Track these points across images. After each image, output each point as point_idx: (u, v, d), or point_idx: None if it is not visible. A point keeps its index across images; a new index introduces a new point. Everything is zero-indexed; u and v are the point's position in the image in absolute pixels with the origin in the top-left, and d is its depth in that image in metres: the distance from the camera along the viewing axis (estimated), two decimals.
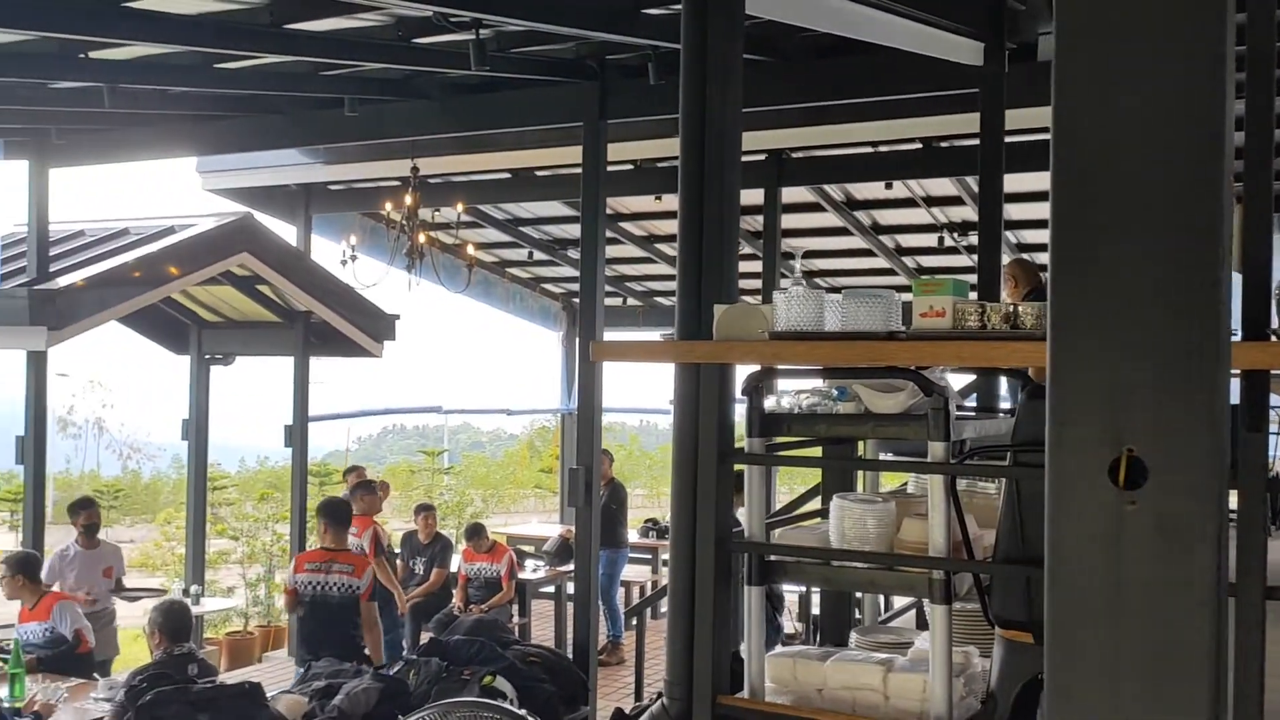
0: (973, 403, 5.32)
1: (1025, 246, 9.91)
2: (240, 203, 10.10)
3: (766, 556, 3.28)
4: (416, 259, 8.26)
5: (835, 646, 3.55)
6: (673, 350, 3.44)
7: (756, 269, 9.05)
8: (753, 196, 8.40)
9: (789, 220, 9.60)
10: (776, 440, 3.40)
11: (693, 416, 3.31)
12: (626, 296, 13.68)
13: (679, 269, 3.45)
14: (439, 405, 14.03)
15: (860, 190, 9.76)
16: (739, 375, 3.34)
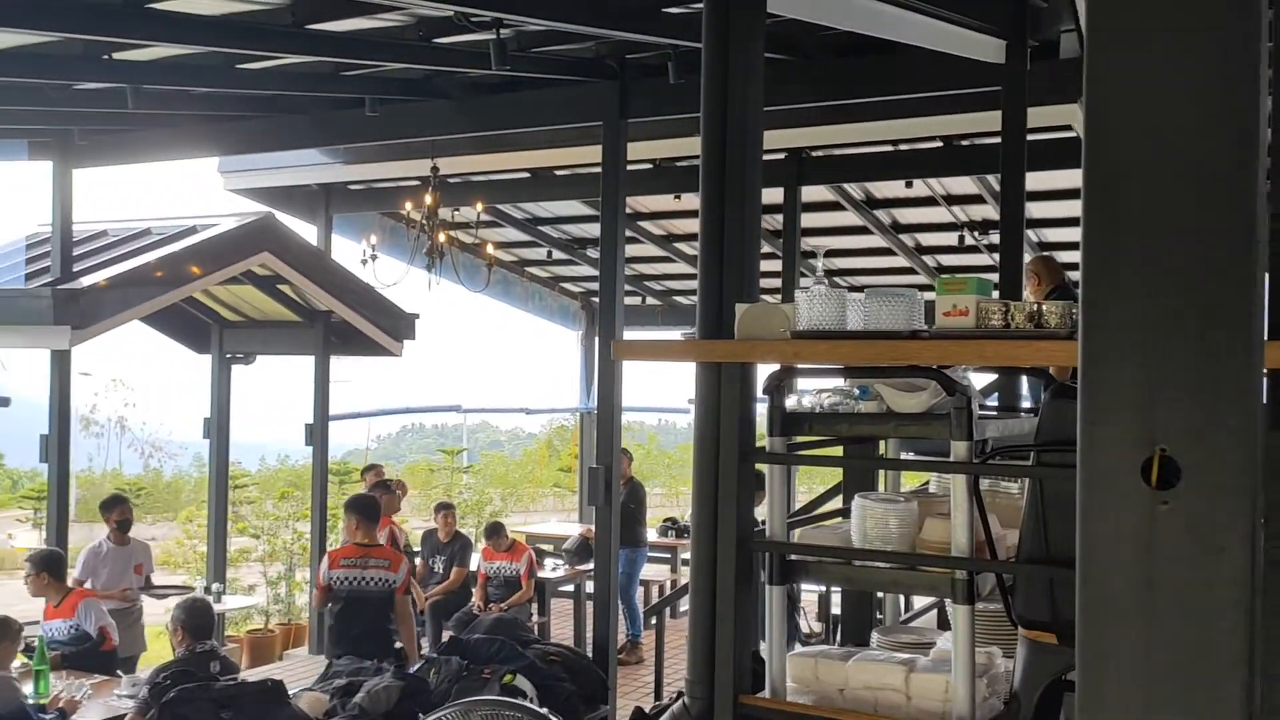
0: (993, 402, 5.30)
1: (1047, 245, 9.86)
2: (261, 202, 10.15)
3: (788, 556, 3.27)
4: (436, 258, 8.28)
5: (857, 646, 3.54)
6: (694, 349, 3.44)
7: (776, 268, 9.04)
8: (772, 195, 8.39)
9: (808, 219, 9.58)
10: (796, 440, 3.39)
11: (714, 416, 3.31)
12: (645, 296, 13.69)
13: (700, 268, 3.44)
14: (458, 404, 14.07)
15: (880, 189, 9.72)
16: (760, 374, 3.33)
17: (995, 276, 5.78)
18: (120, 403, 21.53)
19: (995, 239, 9.77)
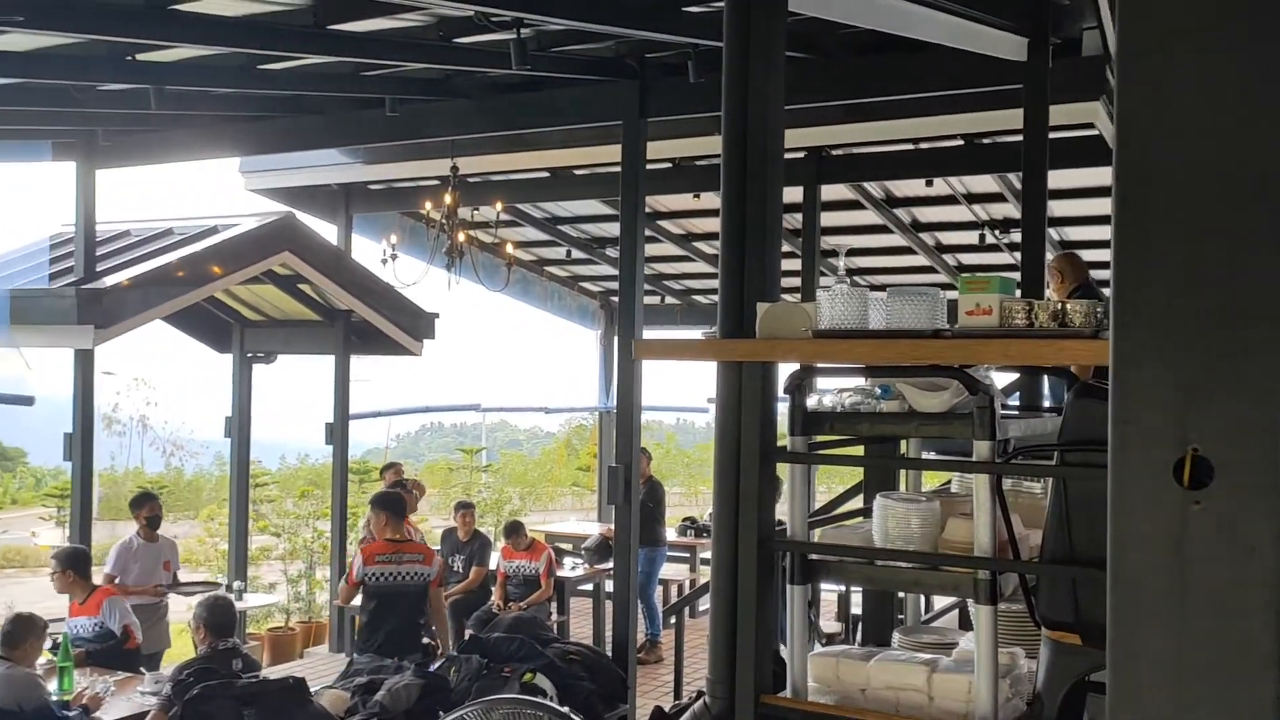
0: (1014, 401, 5.27)
1: (1068, 243, 9.80)
2: (282, 202, 10.19)
3: (809, 556, 3.26)
4: (456, 258, 8.30)
5: (878, 646, 3.52)
6: (715, 348, 3.43)
7: (795, 267, 9.02)
8: (792, 194, 8.37)
9: (828, 218, 9.55)
10: (816, 439, 3.38)
11: (735, 415, 3.30)
12: (664, 295, 13.68)
13: (721, 266, 3.43)
14: (478, 403, 14.09)
15: (900, 187, 9.69)
16: (780, 374, 3.33)
17: (1017, 275, 5.74)
18: (142, 401, 21.66)
19: (1016, 237, 9.74)
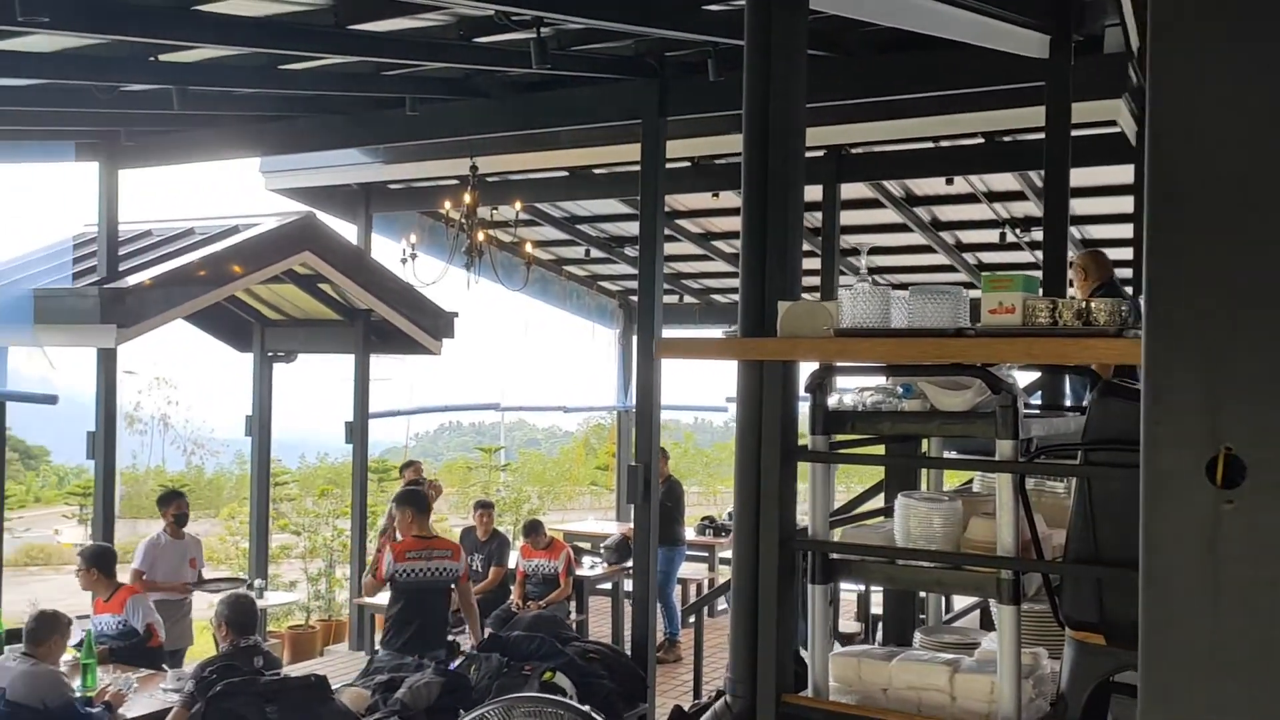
0: (1035, 400, 5.24)
1: (1090, 241, 9.75)
2: (302, 202, 10.24)
3: (830, 555, 3.25)
4: (475, 257, 8.31)
5: (899, 646, 3.51)
6: (737, 347, 3.42)
7: (814, 266, 9.00)
8: (811, 193, 8.35)
9: (847, 216, 9.53)
10: (837, 438, 3.37)
11: (756, 414, 3.29)
12: (683, 294, 13.68)
13: (742, 265, 3.43)
14: (497, 402, 14.11)
15: (920, 186, 9.65)
16: (801, 372, 3.32)
17: (1038, 274, 5.71)
18: (163, 400, 21.80)
19: (1037, 236, 9.68)
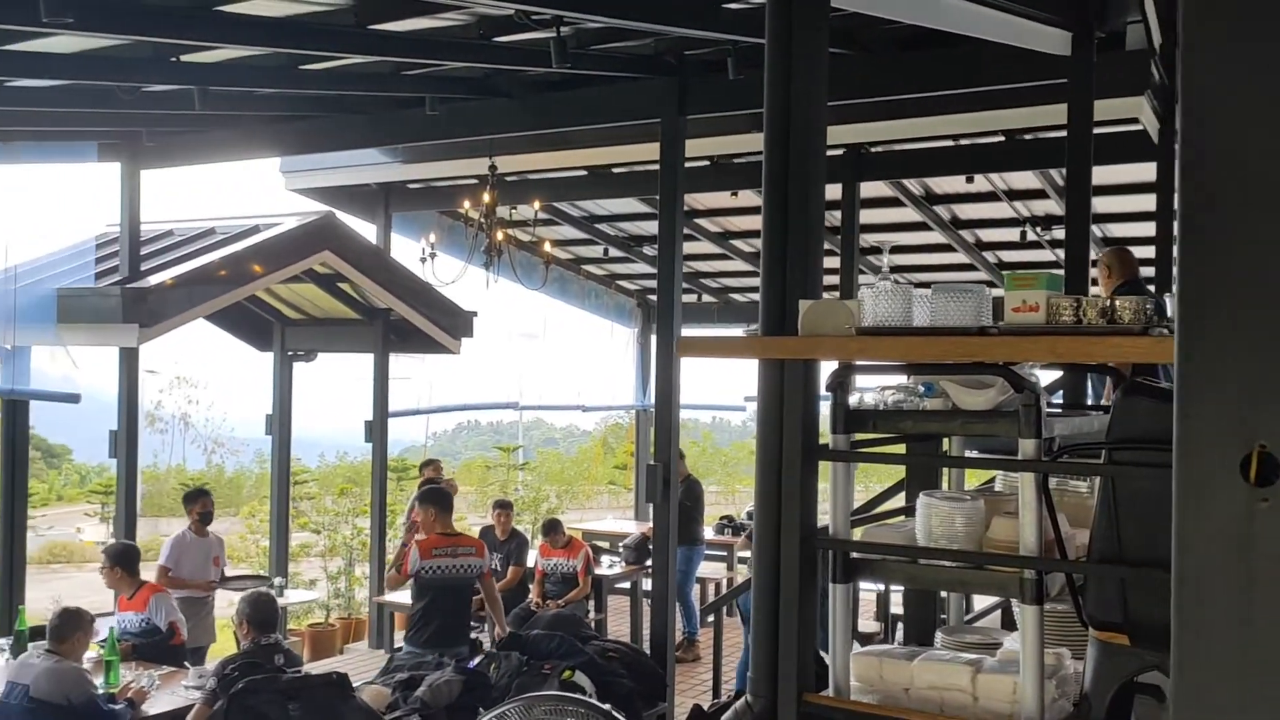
0: (1056, 399, 5.22)
1: (1112, 240, 9.69)
2: (322, 202, 10.28)
3: (851, 554, 3.24)
4: (494, 256, 8.32)
5: (920, 646, 3.50)
6: (758, 346, 3.42)
7: (833, 265, 8.97)
8: (830, 191, 8.29)
9: (867, 215, 9.50)
10: (857, 437, 3.36)
11: (777, 413, 3.29)
12: (701, 293, 13.67)
13: (763, 264, 3.42)
14: (515, 401, 14.13)
15: (940, 184, 9.61)
16: (822, 371, 3.31)
17: (1060, 272, 5.68)
18: (184, 399, 21.93)
19: (1058, 234, 9.64)
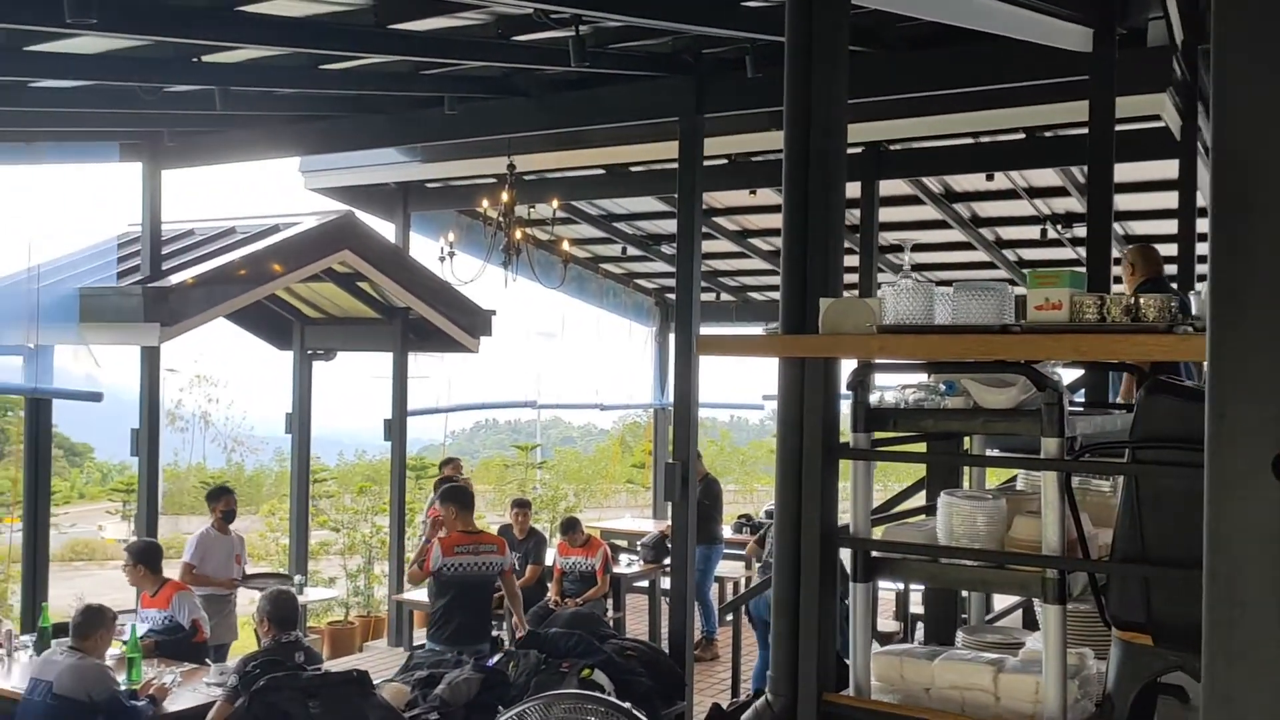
0: (1077, 398, 5.19)
1: (1134, 237, 9.62)
2: (341, 201, 10.31)
3: (872, 553, 3.23)
4: (512, 255, 8.33)
5: (941, 646, 3.49)
6: (778, 344, 3.41)
7: (852, 263, 8.94)
8: (849, 190, 8.25)
9: (886, 213, 9.47)
10: (876, 436, 3.35)
11: (797, 411, 3.28)
12: (719, 292, 13.65)
13: (783, 262, 3.41)
14: (533, 400, 14.15)
15: (960, 182, 9.57)
16: (842, 369, 3.30)
17: (1082, 270, 5.64)
18: (204, 398, 22.04)
19: (1079, 232, 9.59)
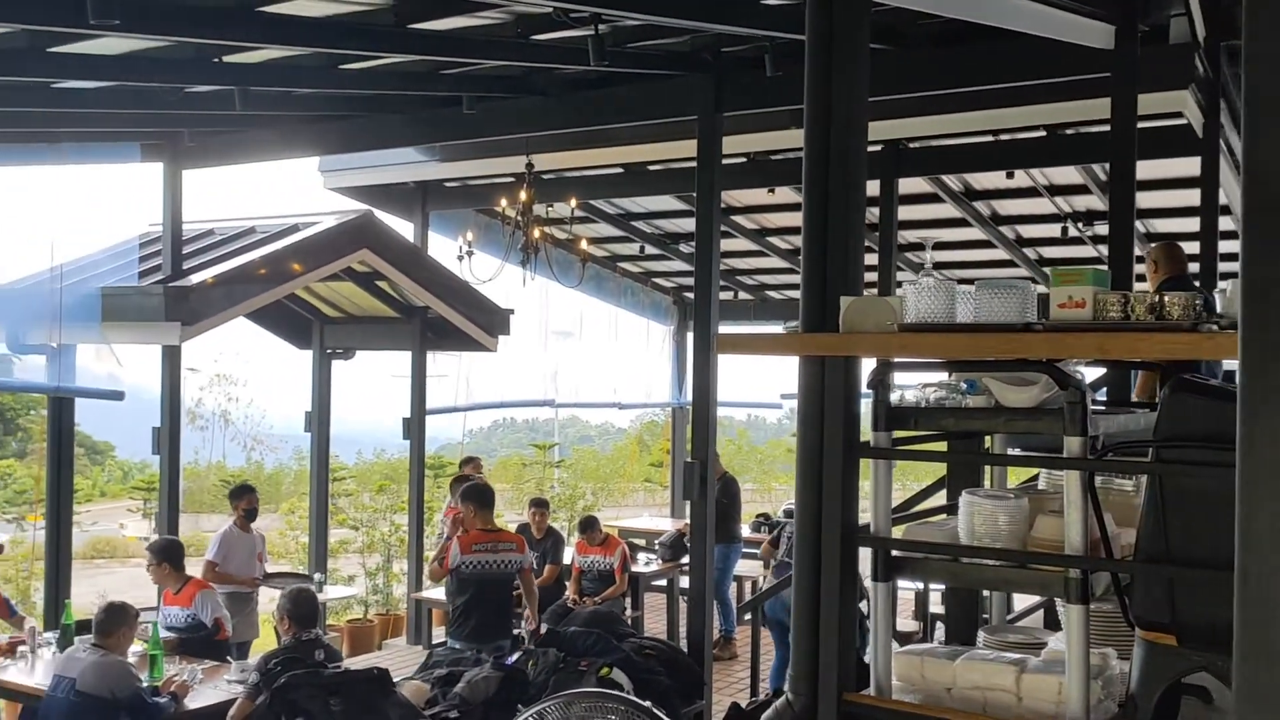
0: (1099, 396, 5.15)
1: (1156, 235, 9.56)
2: (359, 201, 10.34)
3: (892, 553, 3.22)
4: (531, 254, 8.34)
5: (962, 646, 3.47)
6: (799, 343, 3.39)
7: (871, 261, 8.91)
8: (868, 188, 8.26)
9: (905, 211, 9.43)
10: (897, 435, 3.33)
11: (818, 410, 3.27)
12: (737, 290, 13.63)
13: (804, 260, 3.40)
14: (552, 398, 14.15)
15: (979, 180, 9.53)
16: (863, 368, 3.29)
17: (1105, 268, 5.61)
18: (224, 396, 22.14)
19: (1100, 230, 9.52)
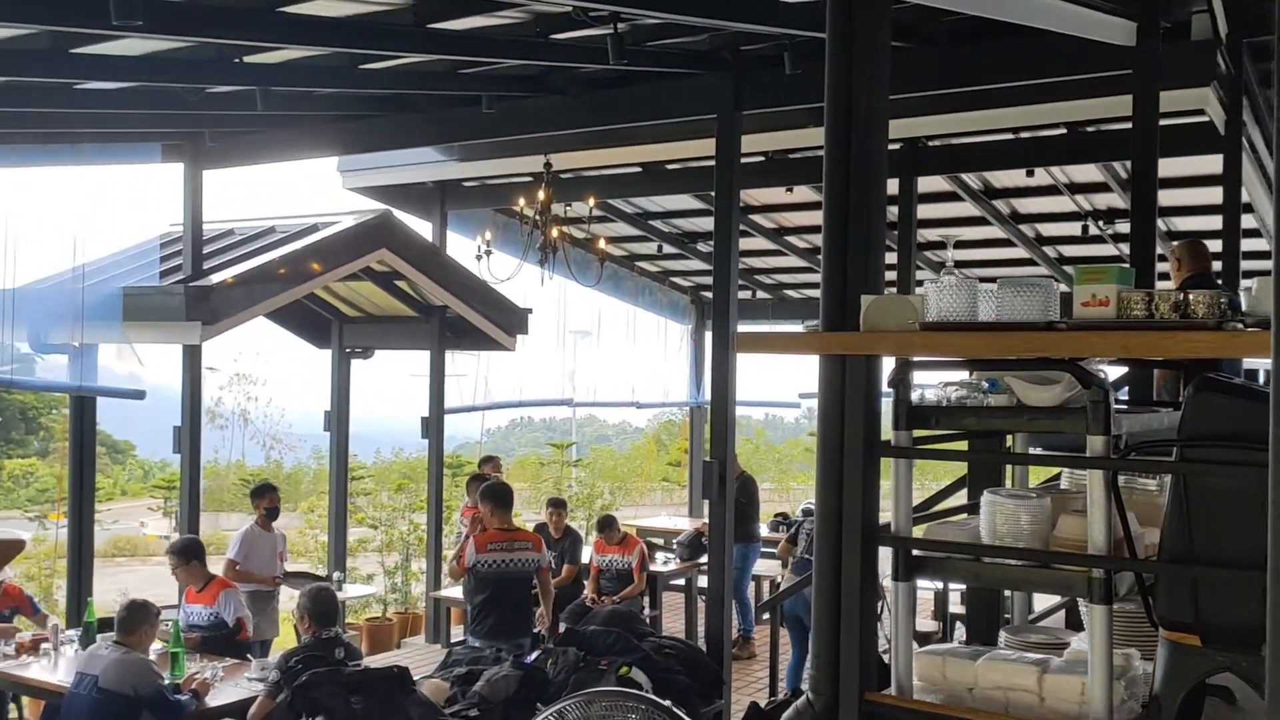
0: (1122, 395, 5.13)
1: (1177, 234, 9.49)
2: (378, 200, 10.37)
3: (914, 552, 3.21)
4: (549, 253, 8.35)
5: (983, 646, 3.46)
6: (819, 341, 3.38)
7: (891, 260, 8.89)
8: (888, 186, 8.24)
9: (924, 210, 9.39)
10: (917, 434, 3.32)
11: (838, 409, 3.26)
12: (755, 289, 13.61)
13: (824, 259, 3.40)
14: (570, 398, 14.17)
15: (999, 178, 9.48)
16: (884, 367, 3.28)
17: (1128, 266, 5.58)
18: (243, 396, 22.22)
19: (1120, 228, 9.47)
